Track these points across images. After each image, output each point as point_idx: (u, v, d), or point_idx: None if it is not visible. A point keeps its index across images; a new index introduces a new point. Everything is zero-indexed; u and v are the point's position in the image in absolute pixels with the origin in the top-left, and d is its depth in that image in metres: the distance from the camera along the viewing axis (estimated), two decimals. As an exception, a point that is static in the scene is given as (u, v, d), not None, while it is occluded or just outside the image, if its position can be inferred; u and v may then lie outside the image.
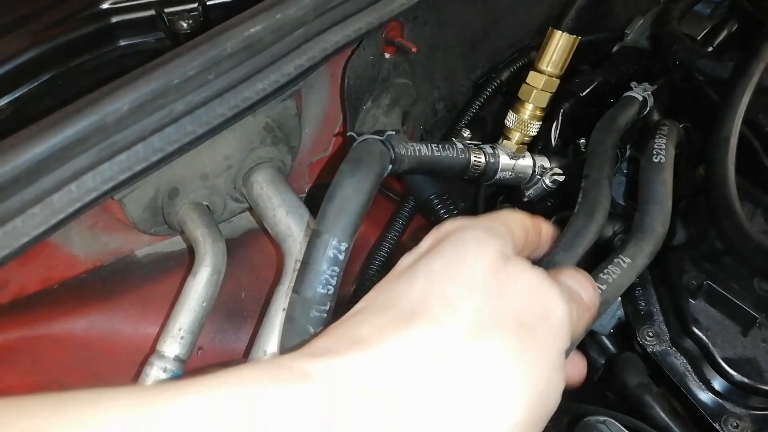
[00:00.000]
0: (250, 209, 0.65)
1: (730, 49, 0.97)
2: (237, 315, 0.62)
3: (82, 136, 0.47)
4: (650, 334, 0.68)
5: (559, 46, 0.65)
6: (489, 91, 0.91)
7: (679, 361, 0.65)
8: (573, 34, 0.64)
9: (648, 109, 0.84)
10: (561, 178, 0.72)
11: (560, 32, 0.64)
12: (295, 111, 0.65)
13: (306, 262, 0.46)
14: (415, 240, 0.42)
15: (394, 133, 0.57)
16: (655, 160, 0.64)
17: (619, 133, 0.74)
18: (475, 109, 0.90)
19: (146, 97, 0.50)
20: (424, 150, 0.62)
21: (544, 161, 0.74)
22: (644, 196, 0.63)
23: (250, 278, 0.64)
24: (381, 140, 0.53)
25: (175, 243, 0.63)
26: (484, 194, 0.96)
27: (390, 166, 0.53)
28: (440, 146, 0.64)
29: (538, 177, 0.74)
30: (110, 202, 0.56)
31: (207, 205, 0.59)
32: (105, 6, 0.65)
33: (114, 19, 0.66)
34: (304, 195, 0.77)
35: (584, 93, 0.89)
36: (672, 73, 0.89)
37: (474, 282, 0.33)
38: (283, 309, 0.52)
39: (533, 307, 0.33)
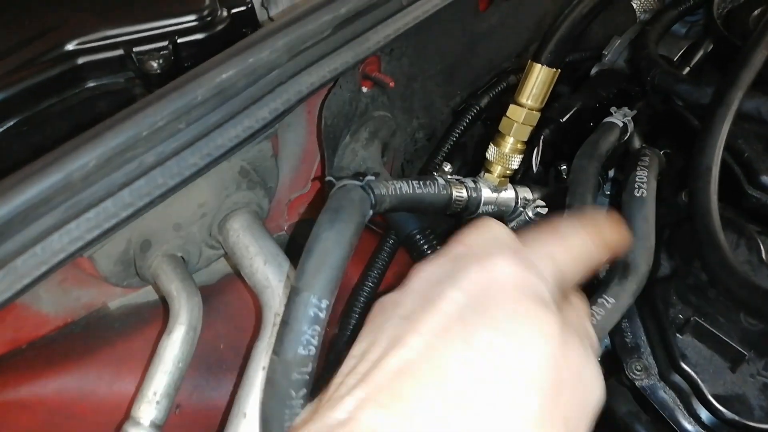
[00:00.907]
0: (227, 255, 0.63)
1: (708, 70, 0.98)
2: (216, 368, 0.59)
3: (46, 195, 0.45)
4: (638, 367, 0.67)
5: (539, 79, 0.64)
6: (468, 119, 0.91)
7: (669, 396, 0.65)
8: (552, 67, 0.63)
9: (629, 134, 0.84)
10: (544, 211, 0.72)
11: (540, 65, 0.63)
12: (271, 152, 0.63)
13: (285, 322, 0.44)
14: (400, 279, 0.41)
15: (372, 177, 0.55)
16: (637, 195, 0.64)
17: (601, 160, 0.74)
18: (455, 136, 0.90)
19: (114, 151, 0.48)
20: (405, 188, 0.61)
21: (526, 192, 0.74)
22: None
23: (228, 327, 0.62)
24: (360, 185, 0.52)
25: (150, 292, 0.61)
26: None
27: (370, 211, 0.52)
28: (421, 183, 0.63)
29: (521, 209, 0.73)
30: (80, 258, 0.53)
31: (181, 256, 0.57)
32: (70, 47, 0.63)
33: (80, 60, 0.63)
34: (283, 233, 0.75)
35: (564, 119, 0.89)
36: (651, 97, 0.89)
37: (533, 379, 0.29)
38: (263, 368, 0.50)
39: (579, 398, 0.31)
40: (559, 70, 0.64)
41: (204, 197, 0.57)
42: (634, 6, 1.40)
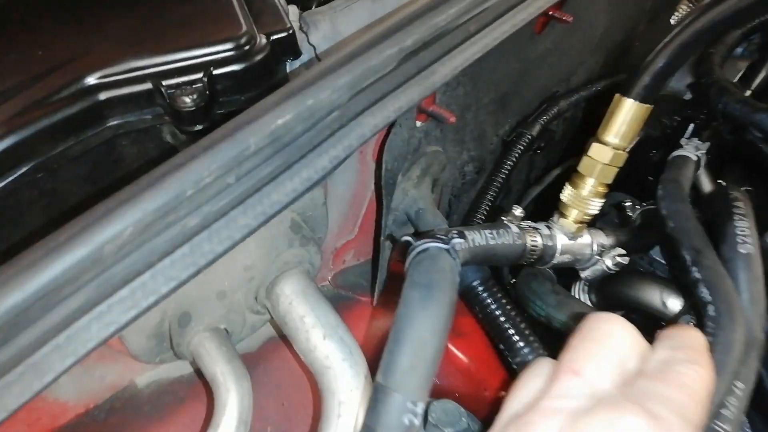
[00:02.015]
0: (273, 319, 0.55)
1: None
2: (263, 456, 0.51)
3: (72, 275, 0.37)
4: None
5: (629, 116, 0.56)
6: (520, 149, 0.83)
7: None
8: (646, 103, 0.56)
9: (701, 169, 0.76)
10: (625, 261, 0.64)
11: (631, 101, 0.56)
12: (323, 199, 0.55)
13: (371, 430, 0.36)
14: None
15: (456, 234, 0.47)
16: (742, 251, 0.56)
17: (689, 200, 0.66)
18: (507, 169, 0.82)
19: (153, 216, 0.39)
20: (478, 239, 0.53)
21: (601, 237, 0.66)
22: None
23: (275, 405, 0.53)
24: (446, 248, 0.44)
25: (184, 365, 0.53)
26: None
27: (458, 279, 0.44)
28: (494, 232, 0.55)
29: (597, 257, 0.65)
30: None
31: (225, 328, 0.49)
32: (91, 81, 0.55)
33: (102, 96, 0.55)
34: (327, 284, 0.67)
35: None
36: (719, 126, 0.82)
37: None
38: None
39: None
40: (653, 106, 0.57)
41: (251, 259, 0.49)
42: (672, 23, 1.34)
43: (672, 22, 1.36)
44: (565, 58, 0.88)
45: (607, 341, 0.36)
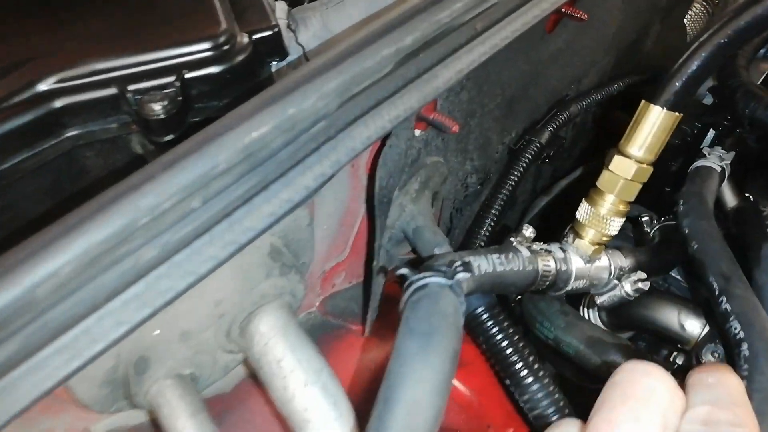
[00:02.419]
0: (246, 361, 0.48)
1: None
2: None
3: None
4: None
5: (656, 125, 0.50)
6: (528, 159, 0.77)
7: None
8: (675, 111, 0.49)
9: (725, 180, 0.70)
10: (646, 286, 0.57)
11: (659, 108, 0.49)
12: (308, 220, 0.48)
13: None
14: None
15: (459, 265, 0.41)
16: (781, 278, 0.50)
17: (713, 217, 0.60)
18: (513, 181, 0.75)
19: (98, 250, 0.33)
20: (485, 266, 0.47)
21: (619, 259, 0.59)
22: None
23: (253, 455, 0.47)
24: (449, 285, 0.37)
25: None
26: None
27: (463, 320, 0.38)
28: (502, 257, 0.49)
29: (615, 282, 0.58)
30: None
31: (190, 372, 0.42)
32: (45, 86, 0.48)
33: (59, 103, 0.49)
34: (314, 311, 0.60)
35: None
36: (744, 134, 0.76)
37: None
38: None
39: None
40: (682, 115, 0.50)
41: (222, 293, 0.42)
42: (686, 22, 1.27)
43: (685, 21, 1.30)
44: (576, 59, 0.82)
45: (650, 399, 0.30)
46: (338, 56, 0.41)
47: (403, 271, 0.39)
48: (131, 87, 0.50)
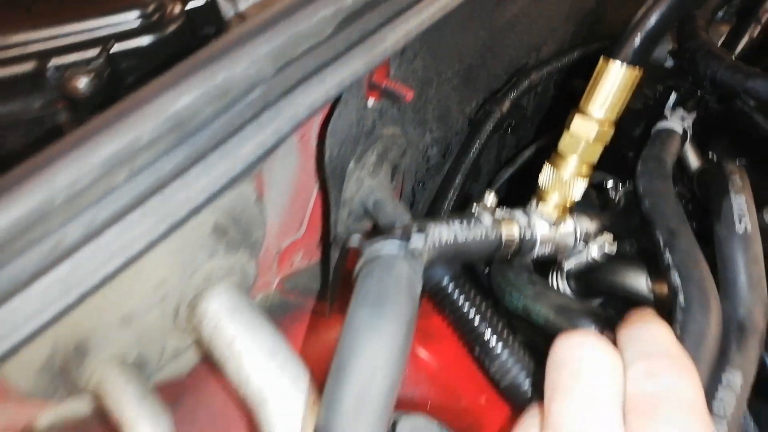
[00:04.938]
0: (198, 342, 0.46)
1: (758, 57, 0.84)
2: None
3: None
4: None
5: (617, 83, 0.48)
6: (489, 128, 0.75)
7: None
8: (636, 65, 0.48)
9: (687, 141, 0.70)
10: (613, 249, 0.56)
11: (620, 63, 0.48)
12: (255, 195, 0.46)
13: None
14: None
15: (416, 228, 0.39)
16: (740, 231, 0.49)
17: (671, 178, 0.59)
18: (476, 151, 0.74)
19: (11, 231, 0.30)
20: (446, 235, 0.45)
21: (585, 223, 0.58)
22: (732, 280, 0.48)
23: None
24: (402, 254, 0.36)
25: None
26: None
27: (419, 290, 0.36)
28: (464, 224, 0.47)
29: (582, 245, 0.57)
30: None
31: (137, 358, 0.40)
32: (-41, 63, 0.44)
33: (-25, 81, 0.45)
34: (273, 292, 0.58)
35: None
36: (706, 95, 0.75)
37: None
38: None
39: None
40: (643, 69, 0.49)
41: (162, 273, 0.39)
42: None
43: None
44: (534, 26, 0.80)
45: (596, 372, 0.30)
46: (270, 19, 0.38)
47: (355, 242, 0.37)
48: (53, 62, 0.46)
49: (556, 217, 0.53)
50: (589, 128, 0.49)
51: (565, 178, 0.51)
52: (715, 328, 0.42)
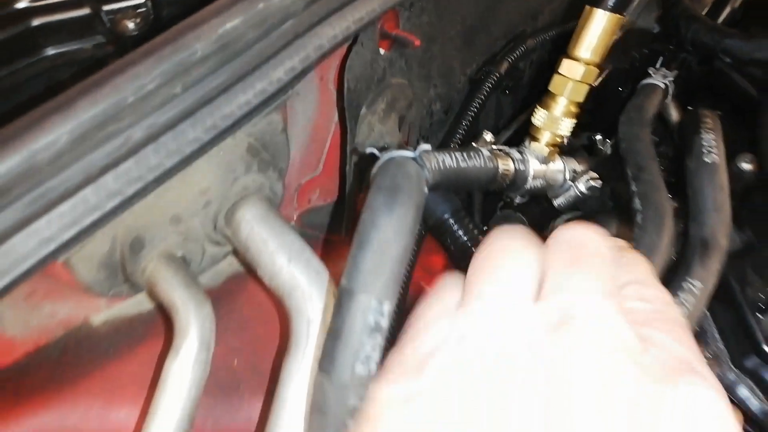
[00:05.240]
0: (235, 251, 0.52)
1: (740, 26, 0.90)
2: (230, 389, 0.48)
3: (2, 186, 0.33)
4: (707, 355, 0.60)
5: (601, 28, 0.54)
6: (488, 88, 0.81)
7: (745, 385, 0.57)
8: (617, 13, 0.54)
9: (669, 96, 0.76)
10: (598, 184, 0.63)
11: (602, 11, 0.54)
12: (281, 125, 0.52)
13: (336, 333, 0.34)
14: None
15: (428, 146, 0.45)
16: (707, 160, 0.55)
17: (650, 126, 0.65)
18: (475, 108, 0.80)
19: (92, 123, 0.36)
20: (449, 161, 0.51)
21: (573, 163, 0.64)
22: (699, 204, 0.54)
23: (241, 339, 0.51)
24: (414, 158, 0.42)
25: (141, 301, 0.50)
26: (479, 199, 0.86)
27: (426, 190, 0.42)
28: (465, 155, 0.53)
29: (570, 183, 0.63)
30: (52, 264, 0.42)
31: (182, 256, 0.46)
32: (21, 5, 0.50)
33: (36, 22, 0.51)
34: (292, 225, 0.64)
35: (595, 84, 0.80)
36: (688, 57, 0.81)
37: None
38: (301, 391, 0.39)
39: None
40: (624, 16, 0.55)
41: (207, 182, 0.45)
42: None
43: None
44: (531, -6, 0.86)
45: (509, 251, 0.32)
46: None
47: (373, 150, 0.43)
48: (105, 7, 0.52)
49: (547, 154, 0.59)
50: (576, 69, 0.55)
51: (555, 116, 0.57)
52: (667, 245, 0.47)
